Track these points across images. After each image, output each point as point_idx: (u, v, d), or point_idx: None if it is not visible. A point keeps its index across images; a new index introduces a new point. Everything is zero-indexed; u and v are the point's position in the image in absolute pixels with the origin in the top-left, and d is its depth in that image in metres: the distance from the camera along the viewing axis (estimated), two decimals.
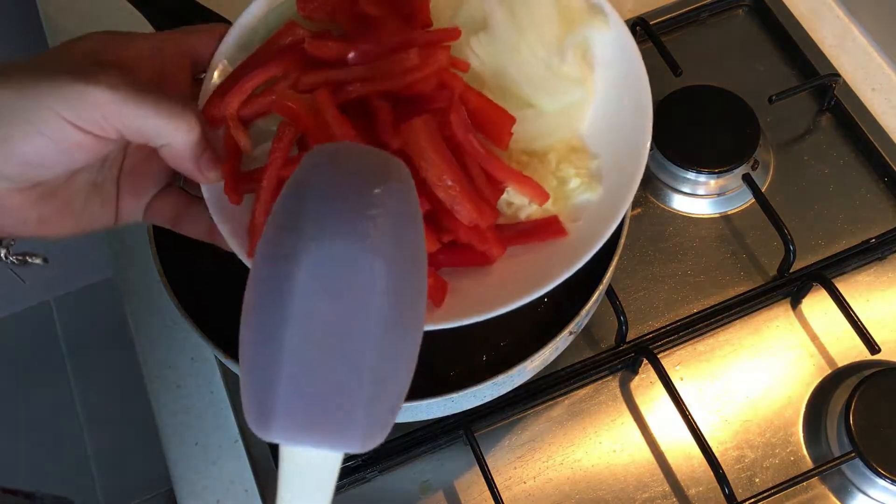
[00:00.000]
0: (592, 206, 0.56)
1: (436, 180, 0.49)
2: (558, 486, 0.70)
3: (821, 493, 0.69)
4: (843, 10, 0.92)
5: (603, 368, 0.74)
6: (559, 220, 0.55)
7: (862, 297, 0.76)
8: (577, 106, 0.58)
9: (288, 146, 0.51)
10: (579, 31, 0.58)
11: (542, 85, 0.57)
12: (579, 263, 0.52)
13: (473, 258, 0.55)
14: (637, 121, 0.57)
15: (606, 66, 0.60)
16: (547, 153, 0.57)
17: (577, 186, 0.56)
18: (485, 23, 0.57)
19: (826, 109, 0.86)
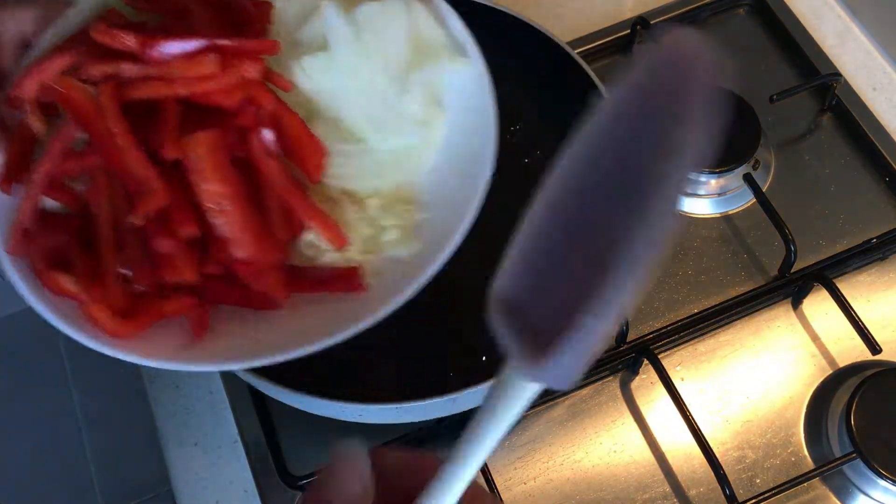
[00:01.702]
0: (403, 262, 0.50)
1: (209, 202, 0.44)
2: (559, 487, 0.70)
3: (822, 493, 0.69)
4: (844, 10, 0.92)
5: (603, 369, 0.74)
6: (358, 274, 0.49)
7: (863, 298, 0.76)
8: (413, 150, 0.52)
9: (66, 140, 0.46)
10: (433, 68, 0.52)
11: (376, 120, 0.51)
12: (364, 324, 0.47)
13: (251, 299, 0.49)
14: (469, 181, 0.51)
15: (460, 111, 0.53)
16: (369, 197, 0.51)
17: (392, 239, 0.51)
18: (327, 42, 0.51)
19: (827, 109, 0.86)
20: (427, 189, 0.52)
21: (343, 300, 0.49)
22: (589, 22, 0.92)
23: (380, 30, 0.51)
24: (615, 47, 0.90)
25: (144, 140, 0.45)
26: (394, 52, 0.51)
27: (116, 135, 0.44)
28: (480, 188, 0.50)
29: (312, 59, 0.50)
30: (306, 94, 0.50)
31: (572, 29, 0.91)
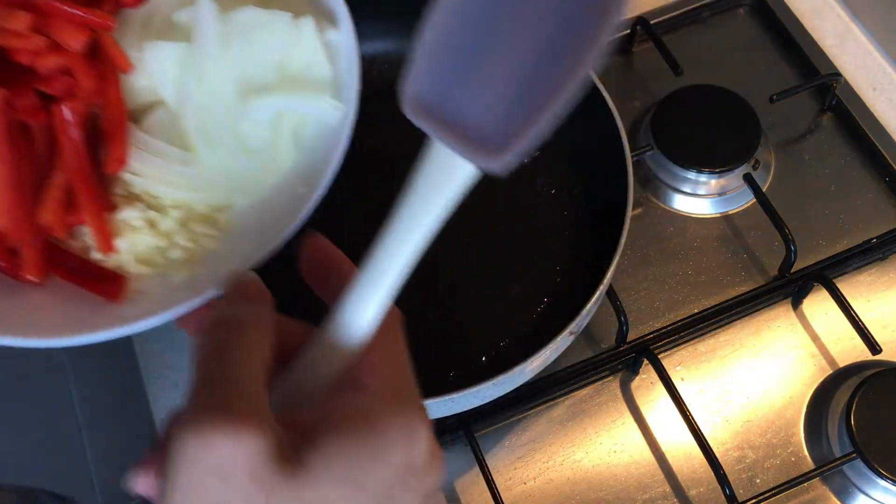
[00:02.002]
0: (168, 286, 0.47)
1: None
2: (559, 487, 0.70)
3: (822, 493, 0.69)
4: (844, 10, 0.92)
5: (603, 369, 0.74)
6: (123, 283, 0.46)
7: (863, 298, 0.76)
8: (246, 176, 0.48)
9: None
10: (297, 100, 0.48)
11: (209, 133, 0.47)
12: (105, 334, 0.44)
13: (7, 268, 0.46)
14: (279, 224, 0.46)
15: (313, 151, 0.49)
16: (173, 208, 0.47)
17: (174, 259, 0.47)
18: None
19: (827, 109, 0.86)
20: (239, 219, 0.48)
21: (94, 303, 0.46)
22: None
23: (252, 40, 0.47)
24: (615, 47, 0.90)
25: None
26: (258, 68, 0.47)
27: None
28: (279, 237, 0.46)
29: (165, 46, 0.46)
30: (152, 81, 0.47)
31: None
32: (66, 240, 0.47)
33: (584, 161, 0.75)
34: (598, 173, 0.74)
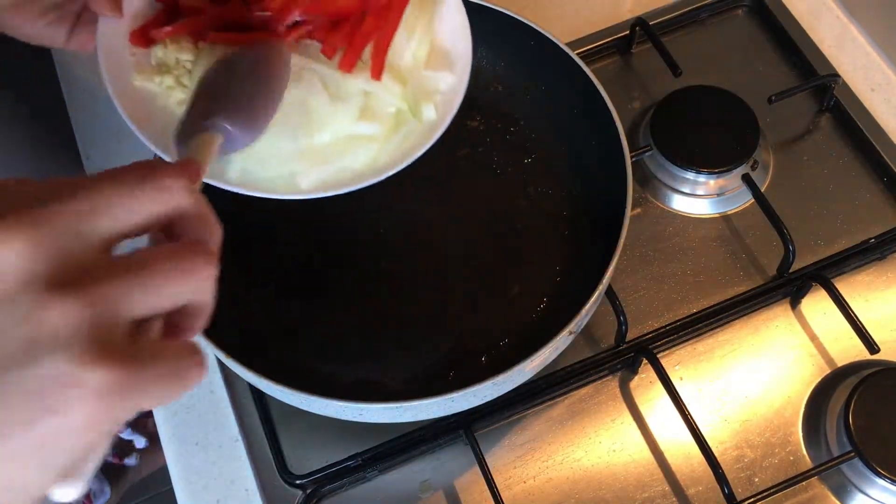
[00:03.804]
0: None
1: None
2: (558, 486, 0.70)
3: (820, 492, 0.69)
4: (842, 11, 0.92)
5: (603, 368, 0.74)
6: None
7: (861, 297, 0.76)
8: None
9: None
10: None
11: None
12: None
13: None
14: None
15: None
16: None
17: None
18: None
19: (825, 109, 0.86)
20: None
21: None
22: (588, 23, 0.92)
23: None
24: (614, 48, 0.91)
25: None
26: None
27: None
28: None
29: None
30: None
31: (571, 30, 0.91)
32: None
33: (584, 161, 0.75)
34: (598, 173, 0.74)
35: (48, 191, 0.29)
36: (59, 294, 0.27)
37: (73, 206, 0.29)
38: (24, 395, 0.26)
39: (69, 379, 0.27)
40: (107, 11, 0.56)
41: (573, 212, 0.75)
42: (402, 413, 0.62)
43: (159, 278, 0.30)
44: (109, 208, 0.30)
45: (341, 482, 0.71)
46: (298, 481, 0.69)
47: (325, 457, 0.70)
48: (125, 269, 0.29)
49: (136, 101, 0.58)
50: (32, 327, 0.27)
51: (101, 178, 0.31)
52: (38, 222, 0.28)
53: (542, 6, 0.95)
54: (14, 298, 0.27)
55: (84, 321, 0.27)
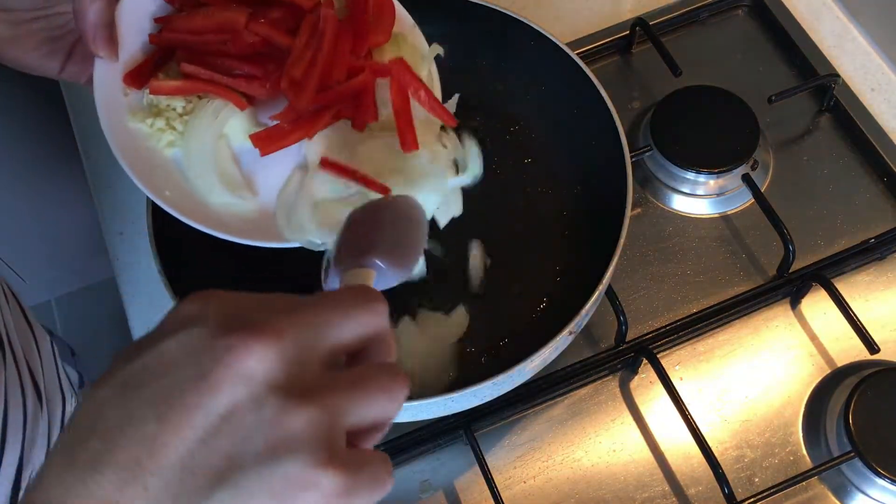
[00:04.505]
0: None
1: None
2: (558, 486, 0.70)
3: (820, 492, 0.69)
4: (842, 11, 0.92)
5: (603, 368, 0.74)
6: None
7: (861, 297, 0.76)
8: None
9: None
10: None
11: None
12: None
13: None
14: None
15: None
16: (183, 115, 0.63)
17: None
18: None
19: (825, 109, 0.86)
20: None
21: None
22: (588, 23, 0.92)
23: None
24: (614, 48, 0.91)
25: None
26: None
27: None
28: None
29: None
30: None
31: (572, 30, 0.91)
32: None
33: (584, 161, 0.75)
34: (598, 173, 0.74)
35: (285, 305, 0.33)
36: (301, 402, 0.30)
37: (306, 321, 0.32)
38: (267, 492, 0.29)
39: (307, 481, 0.30)
40: (103, 54, 0.59)
41: (573, 212, 0.75)
42: (401, 413, 0.62)
43: (373, 397, 0.33)
44: (334, 327, 0.33)
45: None
46: None
47: None
48: (348, 384, 0.32)
49: (129, 140, 0.60)
50: (277, 430, 0.29)
51: (324, 298, 0.34)
52: (280, 333, 0.30)
53: (543, 6, 0.95)
54: (262, 403, 0.30)
55: (320, 428, 0.30)
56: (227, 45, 0.61)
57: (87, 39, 0.58)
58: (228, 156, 0.63)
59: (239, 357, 0.30)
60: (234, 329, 0.30)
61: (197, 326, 0.31)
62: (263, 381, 0.30)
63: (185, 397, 0.29)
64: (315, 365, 0.32)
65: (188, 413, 0.29)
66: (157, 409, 0.29)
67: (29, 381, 0.67)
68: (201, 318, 0.31)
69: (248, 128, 0.63)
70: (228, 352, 0.30)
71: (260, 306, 0.32)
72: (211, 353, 0.30)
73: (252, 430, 0.30)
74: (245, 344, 0.30)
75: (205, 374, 0.29)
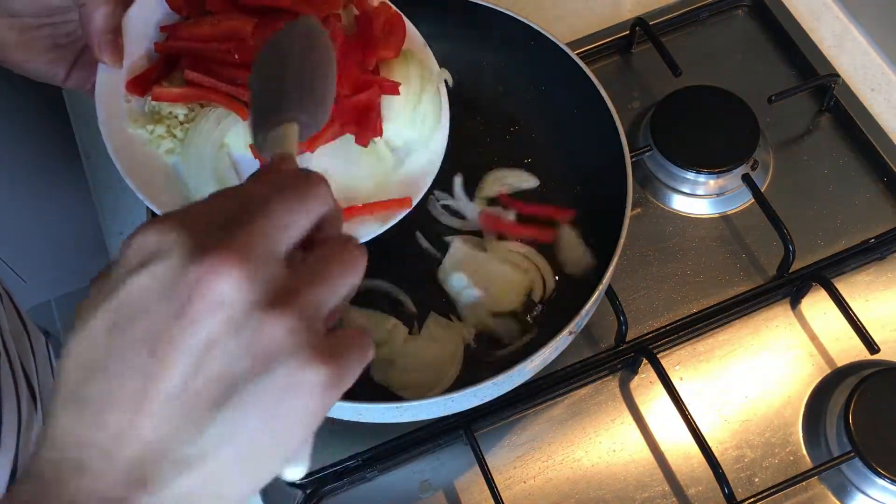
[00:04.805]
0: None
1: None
2: (558, 486, 0.70)
3: (820, 492, 0.69)
4: (842, 11, 0.92)
5: (603, 368, 0.74)
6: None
7: (861, 297, 0.76)
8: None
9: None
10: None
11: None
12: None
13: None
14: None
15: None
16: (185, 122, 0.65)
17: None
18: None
19: (825, 109, 0.86)
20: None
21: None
22: (588, 23, 0.92)
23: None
24: (614, 48, 0.91)
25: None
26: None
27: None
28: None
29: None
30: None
31: (572, 30, 0.91)
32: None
33: (584, 161, 0.75)
34: (598, 174, 0.74)
35: (229, 215, 0.33)
36: (276, 313, 0.32)
37: (260, 230, 0.33)
38: (265, 401, 0.32)
39: (298, 381, 0.32)
40: (107, 61, 0.60)
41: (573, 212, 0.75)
42: (401, 413, 0.62)
43: (338, 278, 0.35)
44: (286, 225, 0.34)
45: (341, 482, 0.71)
46: (298, 481, 0.69)
47: (324, 457, 0.70)
48: (313, 276, 0.34)
49: (128, 146, 0.61)
50: (262, 345, 0.31)
51: (268, 196, 0.34)
52: (243, 253, 0.32)
53: (543, 6, 0.95)
54: (240, 324, 0.31)
55: (300, 330, 0.32)
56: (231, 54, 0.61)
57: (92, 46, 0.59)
58: (229, 165, 0.63)
59: (210, 286, 0.31)
60: (198, 258, 0.31)
61: (162, 260, 0.32)
62: (237, 303, 0.31)
63: (170, 332, 0.31)
64: (279, 269, 0.33)
65: (175, 346, 0.31)
66: (146, 347, 0.31)
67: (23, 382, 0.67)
68: (162, 251, 0.32)
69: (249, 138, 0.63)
70: (200, 283, 0.31)
71: (214, 224, 0.33)
72: (184, 286, 0.31)
73: (237, 350, 0.31)
74: (213, 272, 0.31)
75: (183, 307, 0.31)
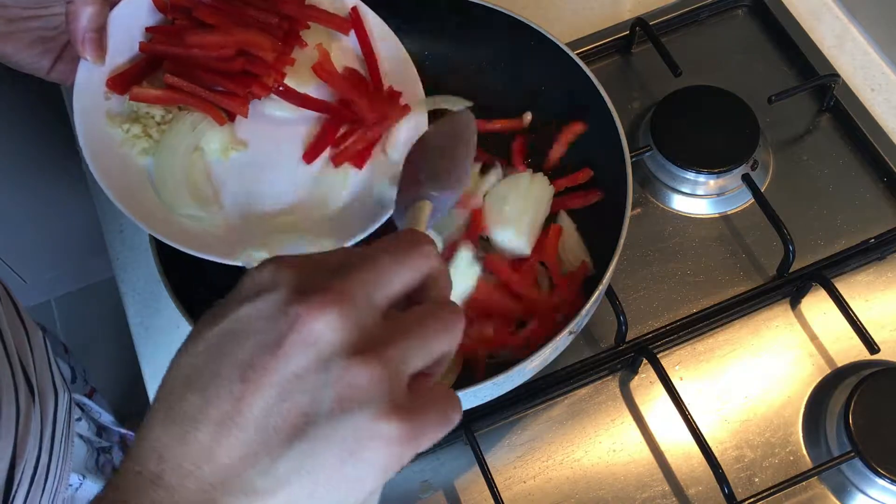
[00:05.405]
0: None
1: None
2: (558, 486, 0.70)
3: (820, 492, 0.69)
4: (842, 11, 0.92)
5: (603, 368, 0.74)
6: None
7: (861, 297, 0.76)
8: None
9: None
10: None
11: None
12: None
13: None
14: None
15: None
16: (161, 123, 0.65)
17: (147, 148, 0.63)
18: None
19: (825, 109, 0.86)
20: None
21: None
22: (588, 23, 0.92)
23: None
24: (614, 48, 0.91)
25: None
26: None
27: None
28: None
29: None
30: None
31: (572, 30, 0.91)
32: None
33: (584, 161, 0.75)
34: (598, 174, 0.75)
35: (339, 264, 0.35)
36: (363, 360, 0.33)
37: (363, 278, 0.35)
38: (338, 442, 0.33)
39: (373, 431, 0.33)
40: (89, 58, 0.60)
41: (573, 212, 0.75)
42: None
43: (431, 338, 0.36)
44: (389, 278, 0.36)
45: None
46: None
47: None
48: (406, 332, 0.35)
49: (103, 144, 0.61)
50: (343, 387, 0.33)
51: (377, 250, 0.37)
52: (342, 297, 0.34)
53: (543, 6, 0.95)
54: (329, 364, 0.33)
55: (383, 381, 0.33)
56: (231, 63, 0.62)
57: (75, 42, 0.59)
58: (202, 169, 0.64)
59: (307, 324, 0.33)
60: (302, 297, 0.33)
61: (270, 294, 0.34)
62: (329, 344, 0.33)
63: (264, 360, 0.33)
64: (375, 319, 0.35)
65: (266, 374, 0.33)
66: (240, 371, 0.33)
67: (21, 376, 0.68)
68: (273, 286, 0.34)
69: (225, 143, 0.64)
70: (298, 319, 0.33)
71: (323, 268, 0.35)
72: (284, 321, 0.33)
73: (321, 388, 0.33)
74: (311, 312, 0.33)
75: (279, 340, 0.33)
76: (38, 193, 1.52)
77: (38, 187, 1.51)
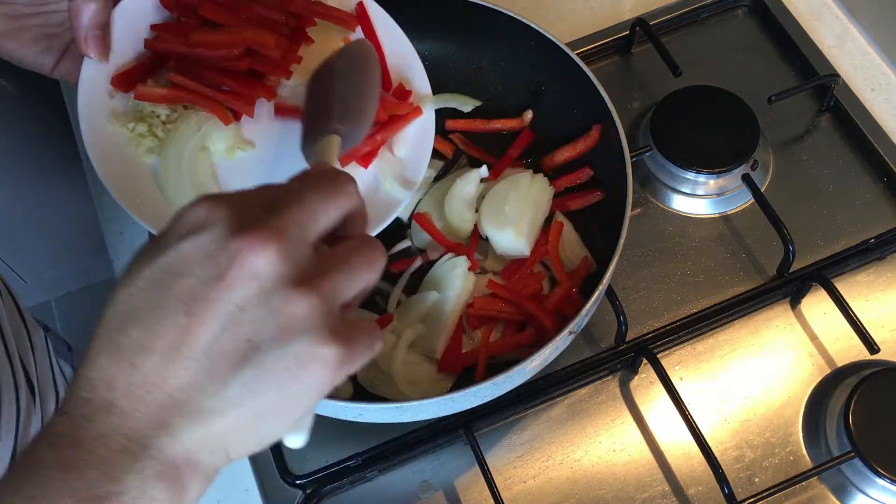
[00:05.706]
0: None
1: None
2: (558, 486, 0.70)
3: (820, 492, 0.69)
4: (842, 11, 0.92)
5: (603, 368, 0.74)
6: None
7: (861, 297, 0.76)
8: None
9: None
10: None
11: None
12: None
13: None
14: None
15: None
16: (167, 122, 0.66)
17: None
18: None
19: (825, 109, 0.86)
20: None
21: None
22: (588, 23, 0.92)
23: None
24: (614, 48, 0.91)
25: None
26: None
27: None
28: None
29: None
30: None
31: (572, 30, 0.91)
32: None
33: (584, 161, 0.75)
34: (598, 174, 0.75)
35: (269, 202, 0.38)
36: (301, 290, 0.35)
37: (295, 216, 0.37)
38: (280, 368, 0.35)
39: (313, 354, 0.35)
40: (93, 55, 0.61)
41: (573, 212, 0.75)
42: (401, 413, 0.62)
43: (357, 272, 0.38)
44: (318, 216, 0.38)
45: (341, 482, 0.71)
46: (298, 481, 0.69)
47: (325, 457, 0.71)
48: (336, 266, 0.38)
49: (107, 143, 0.61)
50: (285, 317, 0.35)
51: (303, 188, 0.39)
52: (278, 234, 0.36)
53: (543, 6, 0.95)
54: (270, 295, 0.35)
55: (321, 310, 0.36)
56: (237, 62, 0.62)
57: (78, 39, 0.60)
58: (207, 168, 0.63)
59: (247, 258, 0.35)
60: (241, 233, 0.35)
61: (208, 230, 0.36)
62: (269, 278, 0.35)
63: (208, 294, 0.35)
64: (308, 253, 0.37)
65: (210, 307, 0.35)
66: (185, 305, 0.35)
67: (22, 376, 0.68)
68: (210, 223, 0.36)
69: (231, 143, 0.63)
70: (239, 254, 0.35)
71: (256, 206, 0.37)
72: (224, 256, 0.35)
73: (264, 318, 0.35)
74: (251, 247, 0.35)
75: (221, 274, 0.35)
76: (38, 193, 1.51)
77: (38, 187, 1.51)
